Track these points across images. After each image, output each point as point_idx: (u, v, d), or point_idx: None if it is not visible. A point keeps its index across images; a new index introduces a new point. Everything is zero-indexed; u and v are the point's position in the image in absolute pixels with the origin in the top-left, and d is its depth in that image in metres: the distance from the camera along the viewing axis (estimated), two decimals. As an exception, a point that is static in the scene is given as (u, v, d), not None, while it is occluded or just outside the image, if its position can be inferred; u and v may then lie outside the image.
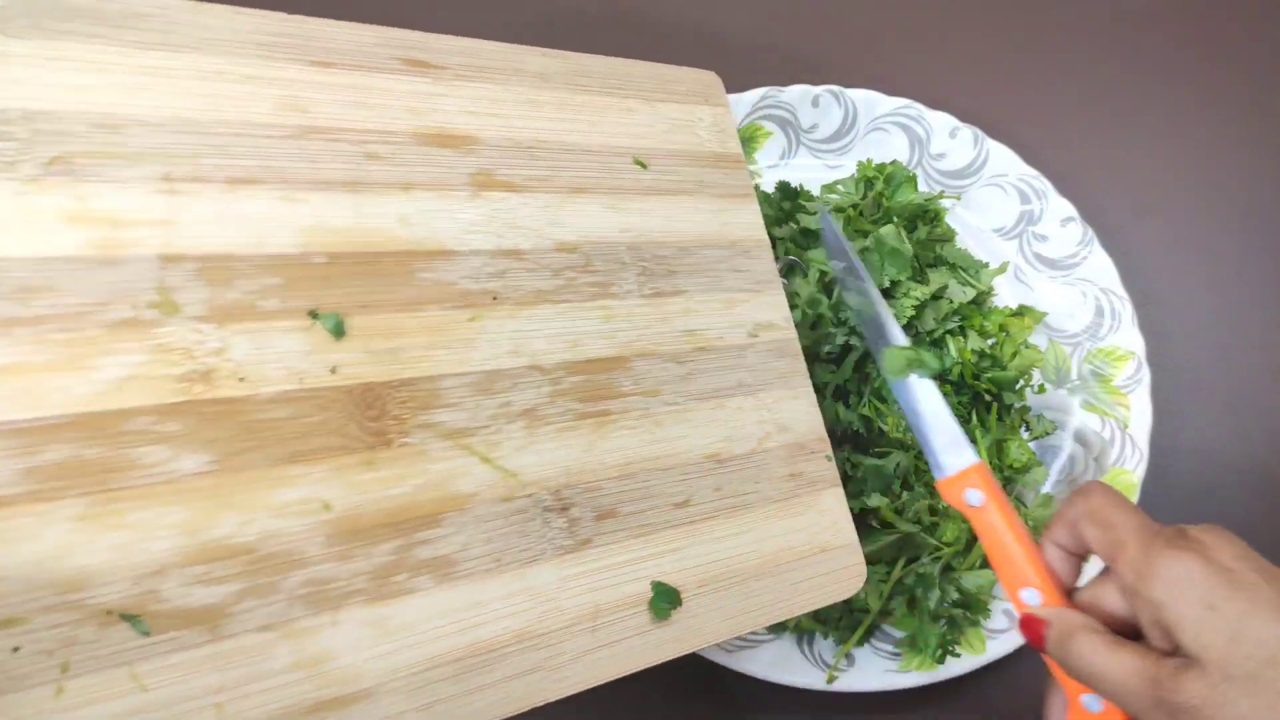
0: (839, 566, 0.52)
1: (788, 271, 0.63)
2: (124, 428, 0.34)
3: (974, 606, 0.55)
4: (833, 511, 0.53)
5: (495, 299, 0.45)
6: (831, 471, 0.54)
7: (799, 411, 0.54)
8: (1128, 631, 0.38)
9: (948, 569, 0.56)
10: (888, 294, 0.60)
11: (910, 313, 0.58)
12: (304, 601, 0.36)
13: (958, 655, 0.54)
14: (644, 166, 0.53)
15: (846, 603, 0.59)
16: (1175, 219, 0.72)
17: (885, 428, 0.58)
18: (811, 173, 0.69)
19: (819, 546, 0.52)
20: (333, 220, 0.41)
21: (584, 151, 0.51)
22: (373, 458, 0.39)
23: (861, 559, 0.53)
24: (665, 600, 0.44)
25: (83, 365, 0.34)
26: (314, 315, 0.39)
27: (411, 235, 0.43)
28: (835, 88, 0.69)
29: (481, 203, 0.46)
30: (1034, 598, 0.42)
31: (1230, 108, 0.75)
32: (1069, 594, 0.42)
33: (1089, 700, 0.40)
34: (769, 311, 0.55)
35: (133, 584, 0.33)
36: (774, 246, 0.65)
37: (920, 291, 0.58)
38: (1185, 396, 0.65)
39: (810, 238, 0.63)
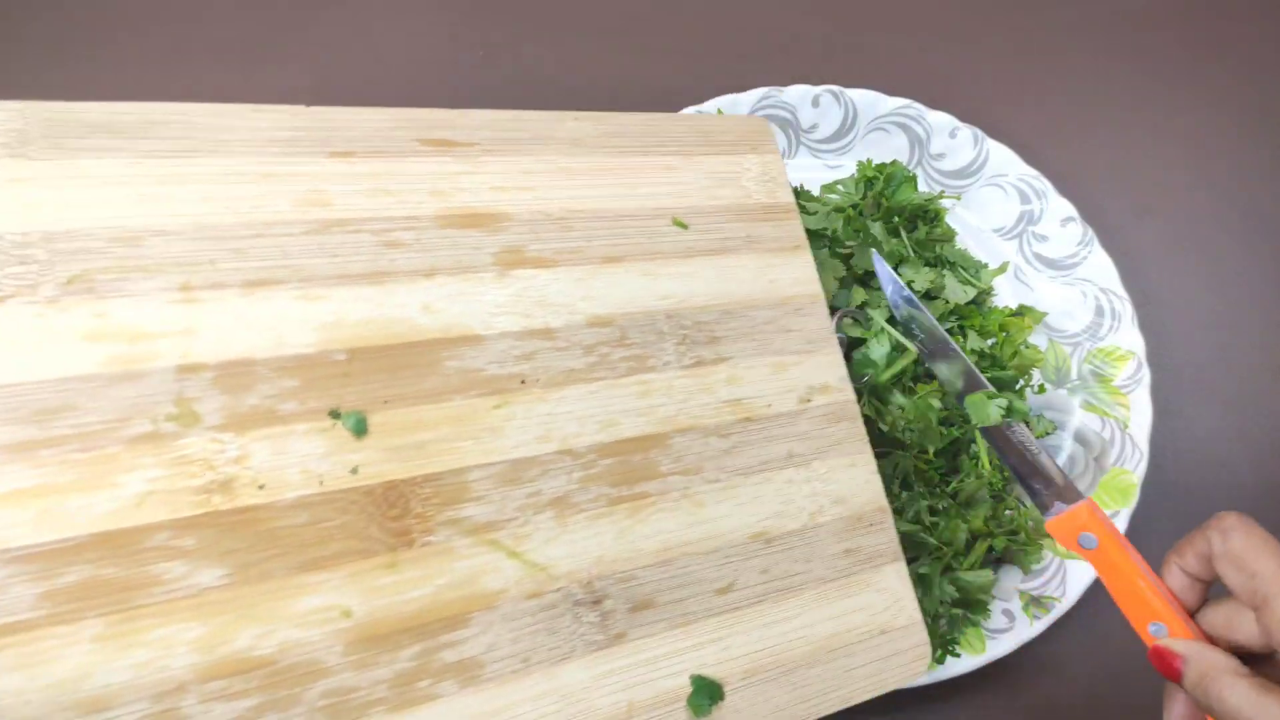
0: (900, 649, 0.49)
1: None
2: (142, 545, 0.34)
3: (974, 606, 0.54)
4: (893, 589, 0.50)
5: (524, 382, 0.43)
6: (892, 544, 0.51)
7: (856, 481, 0.51)
8: (1259, 655, 0.39)
9: (948, 569, 0.55)
10: (865, 282, 0.59)
11: (886, 301, 0.58)
12: (324, 713, 0.35)
13: (958, 655, 0.53)
14: (684, 227, 0.51)
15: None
16: (1175, 219, 0.71)
17: (885, 427, 0.56)
18: (811, 173, 0.69)
19: (877, 628, 0.48)
20: (353, 315, 0.40)
21: (620, 217, 0.49)
22: (394, 559, 0.38)
23: (926, 639, 0.50)
24: (705, 695, 0.42)
25: (104, 483, 0.34)
26: (335, 415, 0.39)
27: (435, 323, 0.42)
28: (835, 88, 0.68)
29: (509, 282, 0.45)
30: (1163, 631, 0.41)
31: (1230, 108, 0.75)
32: (1193, 616, 0.42)
33: None
34: (823, 373, 0.53)
35: (153, 702, 0.33)
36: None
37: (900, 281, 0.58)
38: (1185, 396, 0.64)
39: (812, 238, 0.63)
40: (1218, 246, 0.71)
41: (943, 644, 0.53)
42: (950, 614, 0.54)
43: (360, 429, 0.39)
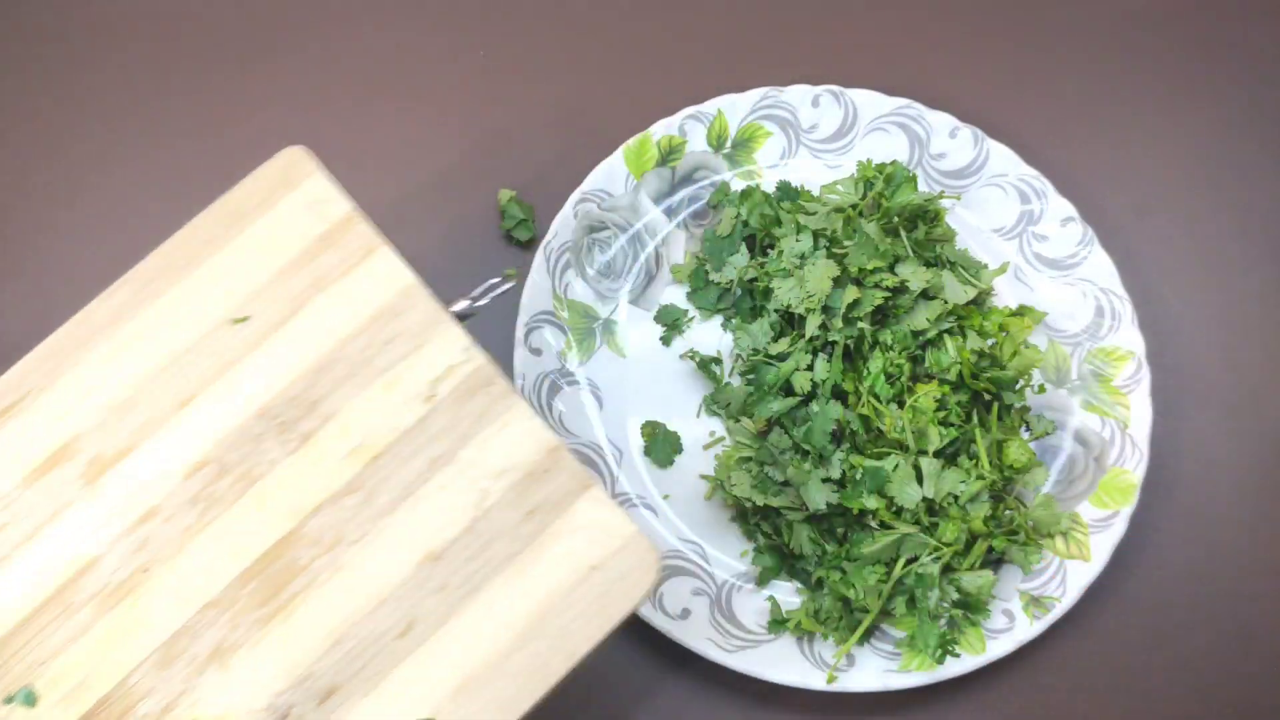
0: (621, 574, 0.46)
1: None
2: None
3: (974, 606, 0.55)
4: (592, 520, 0.47)
5: (147, 570, 0.47)
6: (575, 477, 0.48)
7: (512, 440, 0.48)
8: None
9: (948, 569, 0.56)
10: (860, 282, 0.59)
11: (878, 300, 0.58)
12: None
13: (958, 655, 0.54)
14: (244, 320, 0.51)
15: (846, 602, 0.58)
16: (1175, 219, 0.71)
17: (883, 428, 0.57)
18: (811, 173, 0.70)
19: (586, 568, 0.46)
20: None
21: (179, 357, 0.51)
22: (98, 787, 0.44)
23: (648, 546, 0.46)
24: (409, 737, 0.44)
25: None
26: (9, 700, 0.46)
27: (56, 567, 0.47)
28: (835, 88, 0.69)
29: (100, 489, 0.49)
30: None
31: (1230, 108, 0.75)
32: None
33: None
34: (442, 357, 0.50)
35: None
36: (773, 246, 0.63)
37: (891, 281, 0.57)
38: (1185, 396, 0.64)
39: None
40: (1218, 246, 0.70)
41: (943, 644, 0.54)
42: (950, 614, 0.55)
43: (30, 700, 0.46)
